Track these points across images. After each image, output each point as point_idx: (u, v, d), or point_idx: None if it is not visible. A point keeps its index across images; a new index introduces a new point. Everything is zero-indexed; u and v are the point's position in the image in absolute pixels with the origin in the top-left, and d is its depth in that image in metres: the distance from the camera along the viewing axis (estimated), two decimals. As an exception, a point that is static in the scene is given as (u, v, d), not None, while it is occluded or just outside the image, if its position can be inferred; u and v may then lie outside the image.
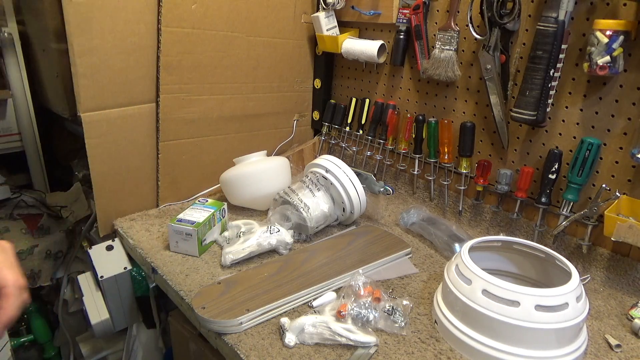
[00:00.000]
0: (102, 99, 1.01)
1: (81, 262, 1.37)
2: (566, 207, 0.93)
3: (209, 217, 0.98)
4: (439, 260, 0.98)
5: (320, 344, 0.72)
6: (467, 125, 1.07)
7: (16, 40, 1.32)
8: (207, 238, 0.99)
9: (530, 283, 0.85)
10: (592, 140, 0.88)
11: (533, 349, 0.66)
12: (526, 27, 0.96)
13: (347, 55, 1.28)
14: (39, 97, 1.41)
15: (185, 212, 1.00)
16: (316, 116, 1.47)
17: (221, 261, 0.92)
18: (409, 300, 0.80)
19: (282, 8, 1.27)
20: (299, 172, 1.37)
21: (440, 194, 1.18)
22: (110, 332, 1.08)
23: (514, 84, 1.00)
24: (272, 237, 0.95)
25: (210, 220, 0.99)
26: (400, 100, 1.26)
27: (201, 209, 1.01)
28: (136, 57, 1.03)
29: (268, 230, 0.96)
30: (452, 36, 1.05)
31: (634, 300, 0.84)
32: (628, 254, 0.89)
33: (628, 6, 0.82)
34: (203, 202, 1.05)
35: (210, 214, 0.99)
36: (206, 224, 0.97)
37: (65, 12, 0.91)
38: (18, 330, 1.44)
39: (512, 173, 1.03)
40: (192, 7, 1.08)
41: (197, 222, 0.95)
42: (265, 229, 0.96)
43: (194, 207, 1.02)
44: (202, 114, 1.19)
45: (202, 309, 0.76)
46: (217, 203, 1.04)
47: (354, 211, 1.06)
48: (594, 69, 0.82)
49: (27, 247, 1.30)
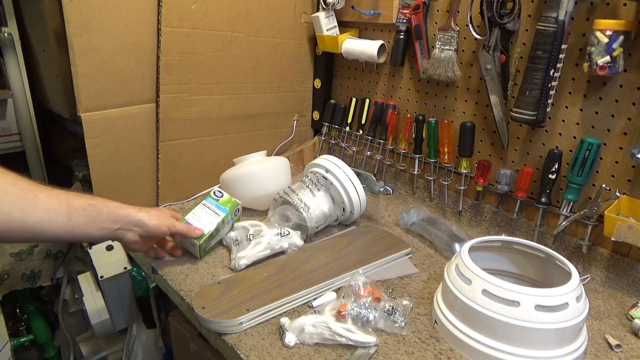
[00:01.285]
0: (102, 99, 1.01)
1: (81, 262, 1.37)
2: (566, 207, 0.93)
3: (218, 224, 0.93)
4: (439, 260, 0.98)
5: (320, 344, 0.72)
6: (467, 125, 1.07)
7: (16, 40, 1.32)
8: (213, 242, 0.96)
9: (530, 283, 0.85)
10: (592, 140, 0.88)
11: (533, 349, 0.66)
12: (526, 27, 0.96)
13: (347, 55, 1.28)
14: (39, 97, 1.41)
15: (195, 211, 0.94)
16: (316, 116, 1.47)
17: (232, 264, 0.91)
18: (409, 300, 0.80)
19: (282, 8, 1.27)
20: (299, 172, 1.37)
21: (440, 194, 1.18)
22: (110, 332, 1.09)
23: (514, 84, 1.00)
24: (283, 241, 0.95)
25: (219, 226, 0.94)
26: (400, 100, 1.26)
27: (213, 209, 0.95)
28: (136, 57, 1.03)
29: (279, 233, 0.95)
30: (452, 36, 1.05)
31: (634, 300, 0.84)
32: (628, 254, 0.89)
33: (628, 6, 0.82)
34: (217, 197, 0.96)
35: (221, 220, 0.94)
36: (213, 234, 0.93)
37: (65, 12, 0.91)
38: (18, 330, 1.45)
39: (512, 173, 1.03)
40: (192, 7, 1.08)
41: (202, 234, 0.91)
42: (275, 232, 0.96)
43: (205, 203, 0.95)
44: (202, 114, 1.19)
45: (202, 309, 0.76)
46: (232, 202, 0.98)
47: (354, 211, 1.06)
48: (594, 69, 0.82)
49: (27, 247, 1.30)
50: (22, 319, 1.46)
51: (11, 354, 1.23)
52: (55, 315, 1.43)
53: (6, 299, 1.29)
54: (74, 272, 1.35)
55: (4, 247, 1.28)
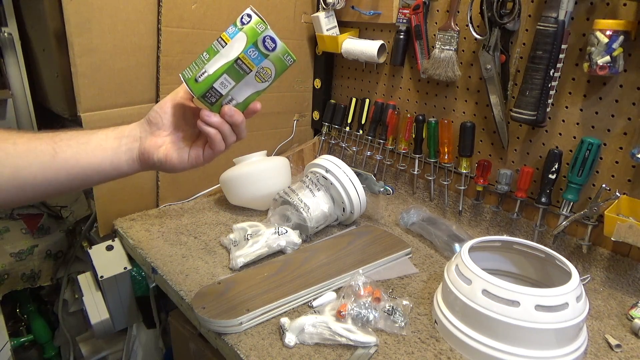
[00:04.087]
0: (102, 99, 1.01)
1: (81, 262, 1.37)
2: (566, 207, 0.93)
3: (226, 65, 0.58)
4: (439, 260, 0.98)
5: (320, 344, 0.72)
6: (467, 125, 1.07)
7: (16, 40, 1.32)
8: (208, 70, 0.59)
9: (530, 283, 0.85)
10: (592, 140, 0.88)
11: (533, 349, 0.66)
12: (526, 27, 0.96)
13: (347, 55, 1.28)
14: (39, 97, 1.41)
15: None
16: (316, 116, 1.47)
17: (230, 264, 0.92)
18: (409, 300, 0.80)
19: (282, 8, 1.27)
20: (299, 172, 1.37)
21: (440, 194, 1.18)
22: (110, 332, 1.08)
23: (514, 84, 1.00)
24: (280, 239, 0.95)
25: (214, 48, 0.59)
26: (400, 100, 1.26)
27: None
28: (136, 57, 1.03)
29: (276, 232, 0.96)
30: (452, 36, 1.05)
31: (634, 300, 0.84)
32: (628, 254, 0.89)
33: (628, 6, 0.82)
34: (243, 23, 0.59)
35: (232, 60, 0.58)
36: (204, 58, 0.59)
37: (65, 12, 0.91)
38: (18, 330, 1.44)
39: (512, 173, 1.03)
40: (192, 7, 1.08)
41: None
42: (273, 230, 0.96)
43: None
44: (202, 114, 1.18)
45: (202, 309, 0.76)
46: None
47: (354, 211, 1.06)
48: (594, 69, 0.82)
49: (27, 247, 1.30)
50: (22, 319, 1.45)
51: (11, 354, 1.23)
52: (55, 315, 1.43)
53: (6, 299, 1.29)
54: (74, 272, 1.35)
55: (4, 247, 1.28)
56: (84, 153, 0.59)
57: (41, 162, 0.57)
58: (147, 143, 0.61)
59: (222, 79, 0.59)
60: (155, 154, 0.61)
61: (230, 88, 0.60)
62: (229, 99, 0.61)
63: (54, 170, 0.58)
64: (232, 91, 0.60)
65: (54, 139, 0.58)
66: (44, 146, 0.57)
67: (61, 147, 0.58)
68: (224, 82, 0.59)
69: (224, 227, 1.09)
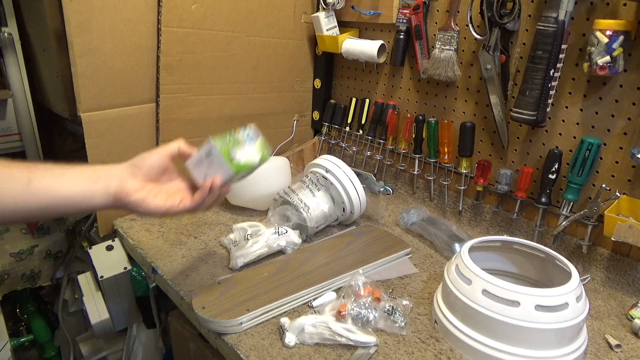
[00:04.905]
0: (102, 99, 1.01)
1: (81, 262, 1.37)
2: (566, 207, 0.93)
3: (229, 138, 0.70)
4: (439, 260, 0.98)
5: (320, 344, 0.72)
6: (467, 125, 1.07)
7: (16, 40, 1.32)
8: (238, 156, 0.69)
9: (530, 283, 0.85)
10: (592, 140, 0.88)
11: (533, 349, 0.66)
12: (526, 27, 0.96)
13: (347, 55, 1.28)
14: (39, 97, 1.41)
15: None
16: (316, 116, 1.47)
17: (230, 264, 0.92)
18: (409, 300, 0.80)
19: (282, 8, 1.27)
20: (299, 172, 1.37)
21: (440, 194, 1.18)
22: (110, 332, 1.08)
23: (514, 84, 1.00)
24: (280, 239, 0.95)
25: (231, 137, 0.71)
26: (400, 100, 1.26)
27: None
28: (136, 57, 1.03)
29: (276, 232, 0.96)
30: (452, 36, 1.05)
31: (634, 300, 0.84)
32: (628, 254, 0.89)
33: (628, 6, 0.82)
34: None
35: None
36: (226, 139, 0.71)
37: (65, 12, 0.91)
38: (18, 330, 1.45)
39: (512, 173, 1.03)
40: (192, 7, 1.08)
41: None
42: (273, 230, 0.96)
43: None
44: (202, 114, 1.19)
45: (202, 309, 0.76)
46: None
47: (354, 211, 1.06)
48: (594, 69, 0.82)
49: (27, 247, 1.30)
50: (22, 319, 1.46)
51: (11, 354, 1.23)
52: (55, 315, 1.43)
53: (6, 299, 1.29)
54: (74, 272, 1.35)
55: (4, 247, 1.28)
56: (58, 184, 0.61)
57: (15, 189, 0.58)
58: (127, 184, 0.65)
59: None
60: (132, 196, 0.65)
61: None
62: None
63: (24, 198, 0.59)
64: None
65: (30, 169, 0.60)
66: (20, 174, 0.59)
67: (36, 176, 0.60)
68: None
69: (224, 227, 1.09)
